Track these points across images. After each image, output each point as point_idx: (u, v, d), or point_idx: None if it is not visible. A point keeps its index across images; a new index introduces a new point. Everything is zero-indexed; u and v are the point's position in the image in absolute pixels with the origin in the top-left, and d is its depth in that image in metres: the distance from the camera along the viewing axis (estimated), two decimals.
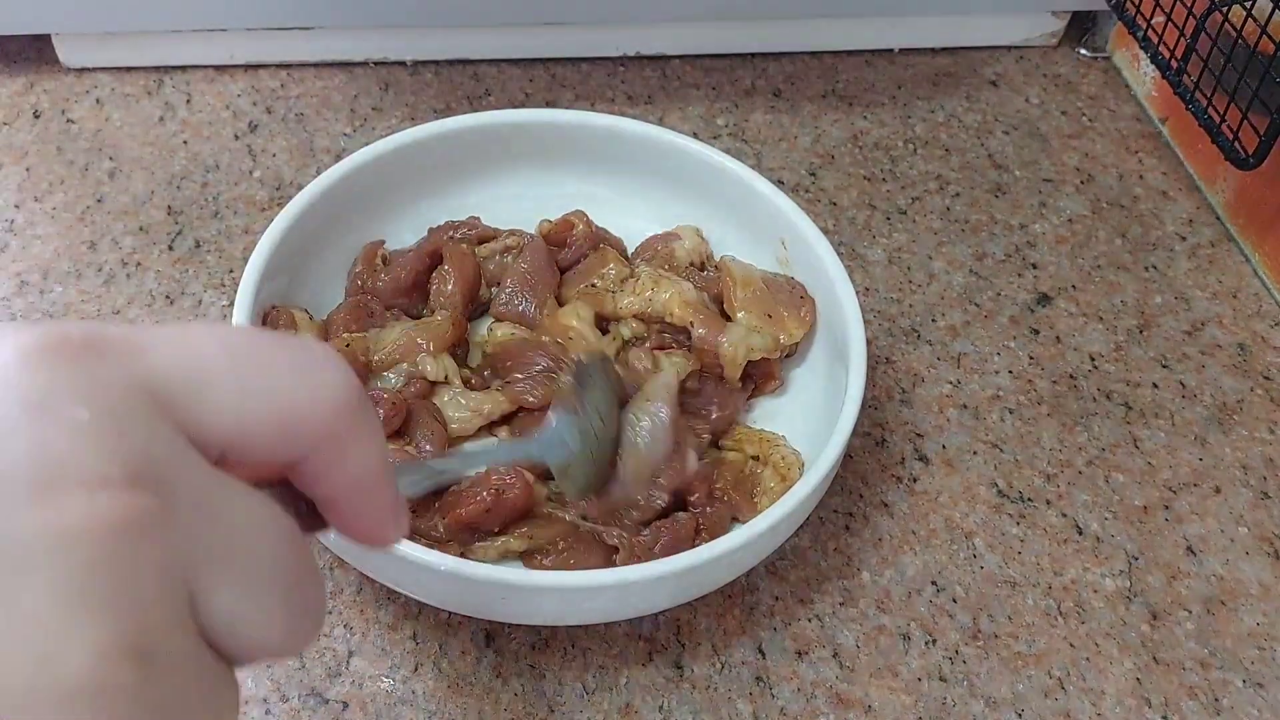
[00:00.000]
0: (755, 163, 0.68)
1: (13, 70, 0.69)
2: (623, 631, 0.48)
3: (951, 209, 0.68)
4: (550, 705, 0.46)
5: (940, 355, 0.60)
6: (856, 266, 0.64)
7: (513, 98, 0.71)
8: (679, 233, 0.58)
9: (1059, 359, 0.61)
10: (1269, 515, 0.55)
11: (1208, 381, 0.60)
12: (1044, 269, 0.65)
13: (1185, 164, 0.71)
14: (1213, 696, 0.49)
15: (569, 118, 0.60)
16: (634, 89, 0.72)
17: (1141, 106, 0.75)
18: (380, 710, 0.45)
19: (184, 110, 0.68)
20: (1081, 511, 0.54)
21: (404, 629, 0.48)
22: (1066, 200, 0.69)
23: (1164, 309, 0.64)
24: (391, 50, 0.72)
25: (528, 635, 0.48)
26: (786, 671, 0.48)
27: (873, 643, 0.49)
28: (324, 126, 0.68)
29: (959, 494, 0.54)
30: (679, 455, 0.48)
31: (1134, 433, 0.58)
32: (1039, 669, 0.49)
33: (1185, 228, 0.68)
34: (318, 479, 0.26)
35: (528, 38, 0.72)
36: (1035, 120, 0.73)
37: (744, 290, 0.54)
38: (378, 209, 0.57)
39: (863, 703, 0.47)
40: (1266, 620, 0.51)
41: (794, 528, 0.49)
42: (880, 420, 0.57)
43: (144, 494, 0.21)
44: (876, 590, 0.51)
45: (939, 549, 0.52)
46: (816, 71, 0.75)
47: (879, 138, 0.71)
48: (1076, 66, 0.78)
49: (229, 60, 0.70)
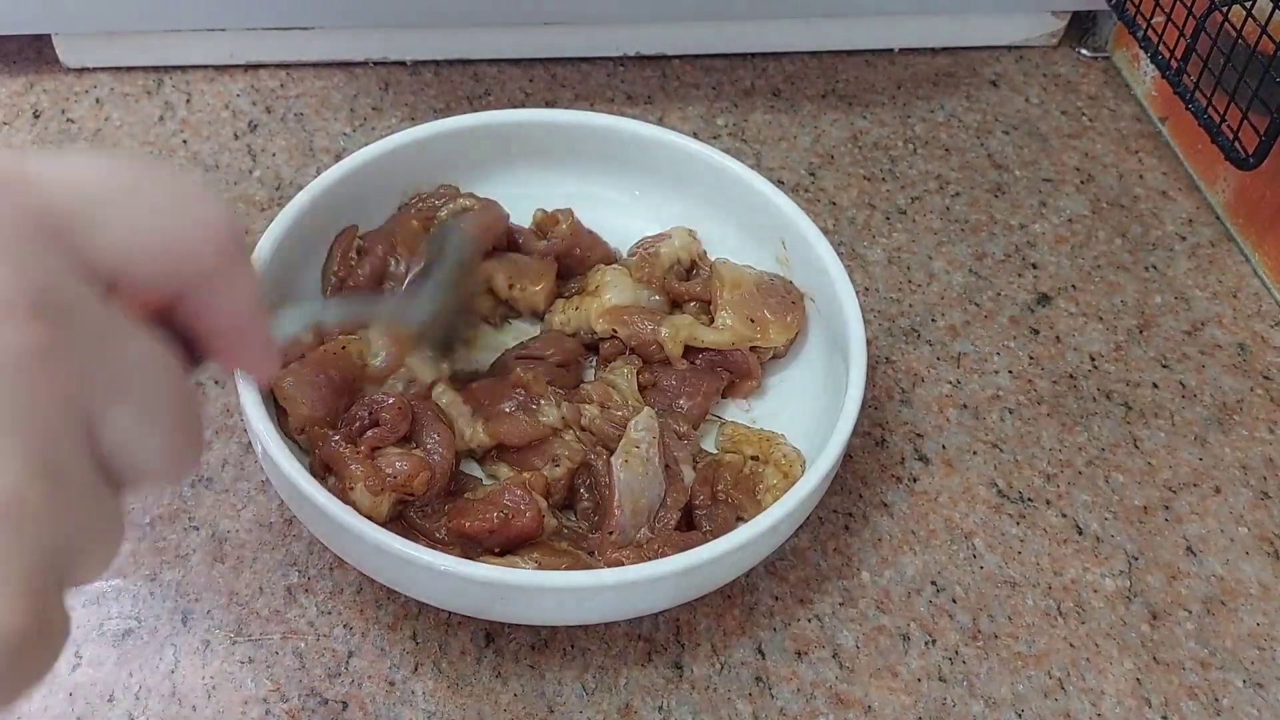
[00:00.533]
0: (755, 163, 0.68)
1: (13, 70, 0.69)
2: (623, 631, 0.48)
3: (951, 209, 0.68)
4: (550, 705, 0.46)
5: (940, 355, 0.60)
6: (856, 266, 0.64)
7: (513, 98, 0.71)
8: (670, 233, 0.58)
9: (1059, 359, 0.61)
10: (1269, 515, 0.55)
11: (1208, 381, 0.60)
12: (1044, 269, 0.65)
13: (1185, 164, 0.71)
14: (1213, 696, 0.49)
15: (569, 117, 0.60)
16: (634, 89, 0.72)
17: (1141, 106, 0.75)
18: (380, 710, 0.45)
19: (184, 110, 0.68)
20: (1081, 511, 0.54)
21: (404, 629, 0.48)
22: (1066, 200, 0.69)
23: (1164, 309, 0.64)
24: (391, 50, 0.72)
25: (528, 635, 0.48)
26: (786, 672, 0.48)
27: (872, 643, 0.49)
28: (324, 126, 0.68)
29: (959, 494, 0.54)
30: (675, 479, 0.49)
31: (1134, 433, 0.58)
32: (1039, 669, 0.49)
33: (1185, 228, 0.68)
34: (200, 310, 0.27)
35: (528, 38, 0.72)
36: (1035, 120, 0.73)
37: (731, 293, 0.54)
38: (378, 209, 0.57)
39: (862, 703, 0.47)
40: (1266, 620, 0.51)
41: (794, 528, 0.49)
42: (880, 420, 0.57)
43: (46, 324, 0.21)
44: (876, 590, 0.51)
45: (939, 549, 0.52)
46: (816, 71, 0.75)
47: (879, 138, 0.71)
48: (1076, 66, 0.78)
49: (229, 60, 0.70)
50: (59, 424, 0.22)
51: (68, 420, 0.22)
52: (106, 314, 0.23)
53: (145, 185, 0.25)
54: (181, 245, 0.26)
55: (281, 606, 0.48)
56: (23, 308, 0.21)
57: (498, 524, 0.46)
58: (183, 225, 0.26)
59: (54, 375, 0.21)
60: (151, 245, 0.25)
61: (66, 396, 0.22)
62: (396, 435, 0.48)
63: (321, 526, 0.45)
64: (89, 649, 0.46)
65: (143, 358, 0.24)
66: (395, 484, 0.46)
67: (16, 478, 0.20)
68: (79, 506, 0.22)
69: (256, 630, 0.47)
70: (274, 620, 0.47)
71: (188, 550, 0.49)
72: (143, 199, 0.25)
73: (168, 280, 0.26)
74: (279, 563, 0.49)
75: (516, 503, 0.47)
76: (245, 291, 0.28)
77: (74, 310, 0.22)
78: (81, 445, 0.22)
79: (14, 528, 0.21)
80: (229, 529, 0.50)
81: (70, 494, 0.22)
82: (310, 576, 0.49)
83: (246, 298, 0.28)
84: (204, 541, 0.49)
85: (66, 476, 0.22)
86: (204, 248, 0.26)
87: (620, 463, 0.48)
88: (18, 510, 0.20)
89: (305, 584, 0.49)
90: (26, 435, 0.21)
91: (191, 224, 0.26)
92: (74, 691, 0.45)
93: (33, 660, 0.22)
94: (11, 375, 0.21)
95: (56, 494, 0.21)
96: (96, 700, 0.45)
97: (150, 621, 0.47)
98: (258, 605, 0.48)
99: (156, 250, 0.25)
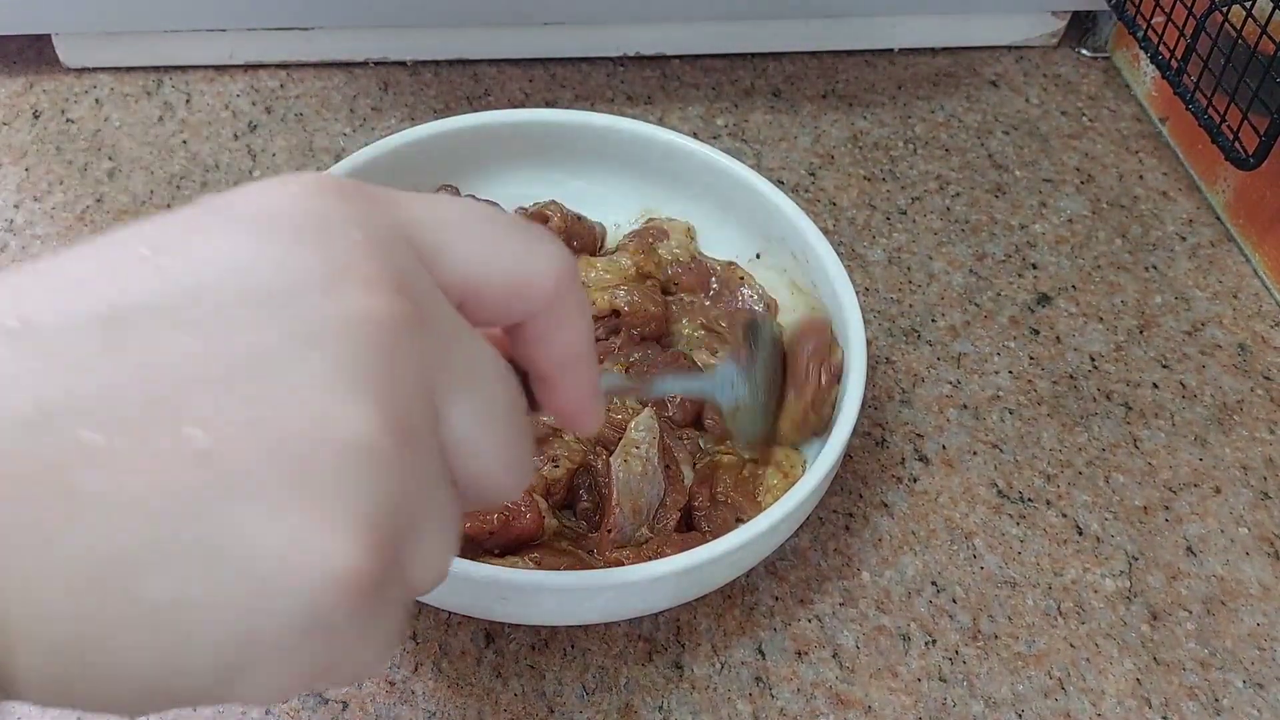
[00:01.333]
0: (755, 163, 0.68)
1: (12, 70, 0.69)
2: (623, 631, 0.48)
3: (951, 209, 0.68)
4: (550, 705, 0.46)
5: (940, 355, 0.60)
6: (856, 266, 0.64)
7: (512, 98, 0.71)
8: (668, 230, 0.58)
9: (1059, 359, 0.61)
10: (1269, 515, 0.55)
11: (1208, 381, 0.60)
12: (1044, 269, 0.65)
13: (1185, 164, 0.71)
14: (1213, 697, 0.48)
15: (568, 118, 0.60)
16: (634, 89, 0.72)
17: (1141, 106, 0.75)
18: (380, 710, 0.45)
19: (183, 110, 0.68)
20: (1081, 512, 0.54)
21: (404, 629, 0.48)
22: (1066, 200, 0.69)
23: (1164, 309, 0.64)
24: (391, 50, 0.72)
25: (528, 635, 0.48)
26: (786, 672, 0.48)
27: (872, 643, 0.49)
28: (324, 126, 0.68)
29: (959, 494, 0.54)
30: (675, 479, 0.49)
31: (1134, 433, 0.58)
32: (1039, 669, 0.49)
33: (1185, 228, 0.68)
34: (536, 343, 0.29)
35: (528, 38, 0.72)
36: (1035, 120, 0.73)
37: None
38: None
39: (862, 703, 0.47)
40: (1266, 620, 0.51)
41: (794, 527, 0.49)
42: (880, 420, 0.57)
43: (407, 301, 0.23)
44: (876, 591, 0.51)
45: (939, 549, 0.52)
46: (816, 71, 0.75)
47: (879, 138, 0.71)
48: (1076, 66, 0.78)
49: (229, 60, 0.70)
50: (413, 391, 0.23)
51: (420, 391, 0.23)
52: (457, 316, 0.25)
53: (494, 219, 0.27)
54: (525, 275, 0.27)
55: None
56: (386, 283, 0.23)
57: (498, 526, 0.46)
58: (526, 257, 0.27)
59: (411, 347, 0.23)
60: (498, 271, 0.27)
61: (421, 369, 0.23)
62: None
63: None
64: None
65: (487, 360, 0.26)
66: None
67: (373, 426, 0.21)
68: (425, 477, 0.23)
69: None
70: None
71: None
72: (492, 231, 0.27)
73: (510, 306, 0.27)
74: None
75: (517, 504, 0.47)
76: (579, 329, 0.29)
77: (431, 300, 0.24)
78: (431, 421, 0.24)
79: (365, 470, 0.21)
80: None
81: (419, 460, 0.23)
82: None
83: (580, 335, 0.29)
84: None
85: (417, 441, 0.23)
86: (544, 280, 0.27)
87: (619, 462, 0.48)
88: (369, 456, 0.21)
89: None
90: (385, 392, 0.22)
91: (535, 258, 0.27)
92: None
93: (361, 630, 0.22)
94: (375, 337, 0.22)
95: (405, 453, 0.22)
96: None
97: None
98: None
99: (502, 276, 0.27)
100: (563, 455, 0.49)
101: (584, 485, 0.50)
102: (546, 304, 0.28)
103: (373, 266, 0.23)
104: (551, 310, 0.28)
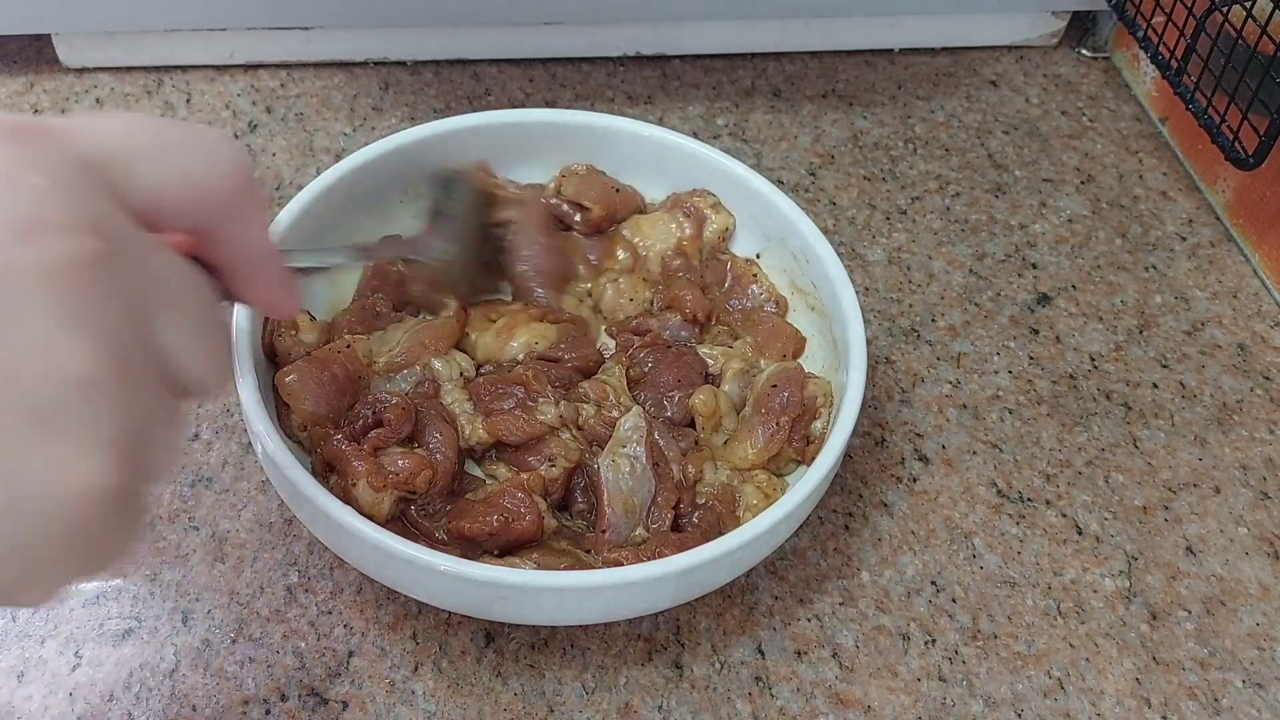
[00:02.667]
0: (755, 162, 0.68)
1: (13, 70, 0.69)
2: (622, 631, 0.48)
3: (951, 209, 0.68)
4: (550, 705, 0.46)
5: (940, 355, 0.60)
6: (856, 266, 0.64)
7: (513, 98, 0.71)
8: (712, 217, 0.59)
9: (1059, 359, 0.61)
10: (1269, 515, 0.55)
11: (1208, 381, 0.60)
12: (1044, 269, 0.65)
13: (1185, 164, 0.71)
14: (1212, 696, 0.49)
15: (569, 117, 0.60)
16: (634, 89, 0.72)
17: (1141, 106, 0.75)
18: (380, 710, 0.45)
19: (184, 110, 0.68)
20: (1081, 511, 0.54)
21: (404, 629, 0.48)
22: (1066, 200, 0.69)
23: (1164, 309, 0.64)
24: (391, 50, 0.72)
25: (528, 635, 0.48)
26: (786, 671, 0.48)
27: (872, 643, 0.49)
28: (324, 126, 0.68)
29: (959, 494, 0.54)
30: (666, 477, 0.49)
31: (1134, 433, 0.58)
32: (1038, 669, 0.49)
33: (1185, 228, 0.68)
34: (222, 245, 0.31)
35: (528, 38, 0.72)
36: (1035, 120, 0.74)
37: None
38: (377, 209, 0.57)
39: (862, 703, 0.47)
40: (1266, 620, 0.51)
41: (794, 527, 0.49)
42: (880, 420, 0.57)
43: (100, 239, 0.25)
44: (876, 590, 0.51)
45: (938, 549, 0.52)
46: (816, 71, 0.75)
47: (879, 138, 0.71)
48: (1076, 66, 0.78)
49: (229, 60, 0.71)
50: (120, 320, 0.25)
51: (127, 318, 0.26)
52: (149, 241, 0.27)
53: (165, 133, 0.29)
54: (203, 184, 0.29)
55: (281, 606, 0.48)
56: (78, 226, 0.25)
57: (497, 527, 0.46)
58: (202, 164, 0.29)
59: (111, 280, 0.25)
60: (178, 184, 0.29)
61: (124, 299, 0.26)
62: (399, 436, 0.48)
63: (321, 527, 0.45)
64: (89, 649, 0.46)
65: (182, 275, 0.28)
66: (397, 481, 0.46)
67: (91, 360, 0.24)
68: (146, 392, 0.26)
69: (257, 630, 0.47)
70: (274, 620, 0.47)
71: (188, 550, 0.49)
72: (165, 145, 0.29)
73: (192, 216, 0.29)
74: (279, 562, 0.49)
75: (517, 505, 0.47)
76: (260, 225, 0.32)
77: (121, 232, 0.26)
78: (141, 341, 0.26)
79: (96, 399, 0.24)
80: (229, 529, 0.50)
81: (137, 378, 0.26)
82: (310, 576, 0.49)
83: (262, 231, 0.32)
84: (204, 541, 0.50)
85: (133, 363, 0.26)
86: (222, 184, 0.30)
87: (608, 462, 0.48)
88: (96, 387, 0.24)
89: (305, 584, 0.49)
90: (95, 327, 0.25)
91: (211, 166, 0.29)
92: (74, 691, 0.45)
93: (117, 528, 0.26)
94: (76, 277, 0.24)
95: (125, 376, 0.25)
96: (96, 700, 0.45)
97: (150, 621, 0.47)
98: (258, 605, 0.48)
99: (182, 189, 0.29)
100: (559, 455, 0.49)
101: (579, 486, 0.50)
102: (227, 205, 0.30)
103: (61, 211, 0.25)
104: (232, 211, 0.30)
